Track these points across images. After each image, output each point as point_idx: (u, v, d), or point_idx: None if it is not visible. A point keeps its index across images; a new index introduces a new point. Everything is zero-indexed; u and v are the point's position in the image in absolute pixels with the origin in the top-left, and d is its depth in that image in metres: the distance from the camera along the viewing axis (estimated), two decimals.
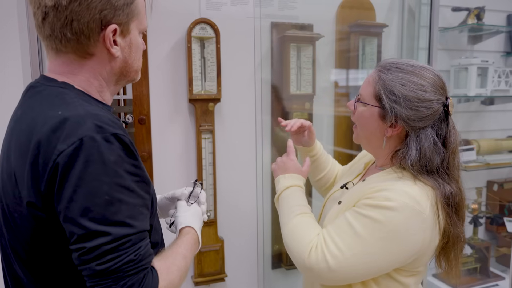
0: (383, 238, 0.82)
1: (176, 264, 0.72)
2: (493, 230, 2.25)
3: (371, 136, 0.94)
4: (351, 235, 0.84)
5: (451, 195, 0.85)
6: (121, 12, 0.69)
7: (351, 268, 0.84)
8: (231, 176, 1.65)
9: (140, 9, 0.74)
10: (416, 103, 0.85)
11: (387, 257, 0.83)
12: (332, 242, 0.85)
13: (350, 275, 0.85)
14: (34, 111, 0.67)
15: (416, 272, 0.91)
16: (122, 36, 0.71)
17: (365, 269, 0.84)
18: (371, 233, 0.82)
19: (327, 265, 0.84)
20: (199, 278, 1.60)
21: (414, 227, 0.82)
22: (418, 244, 0.83)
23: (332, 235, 0.87)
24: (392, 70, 0.89)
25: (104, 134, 0.61)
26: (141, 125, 1.50)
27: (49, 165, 0.60)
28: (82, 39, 0.68)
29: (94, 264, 0.60)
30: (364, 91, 0.94)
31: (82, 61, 0.71)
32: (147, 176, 0.69)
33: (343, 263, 0.84)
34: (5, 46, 1.32)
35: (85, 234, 0.60)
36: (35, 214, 0.64)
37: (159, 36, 1.49)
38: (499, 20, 2.13)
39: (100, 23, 0.68)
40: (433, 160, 0.85)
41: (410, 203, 0.81)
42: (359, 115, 0.95)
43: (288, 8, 1.68)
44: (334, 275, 0.85)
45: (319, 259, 0.85)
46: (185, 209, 0.91)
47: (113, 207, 0.61)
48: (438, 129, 0.87)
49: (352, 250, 0.83)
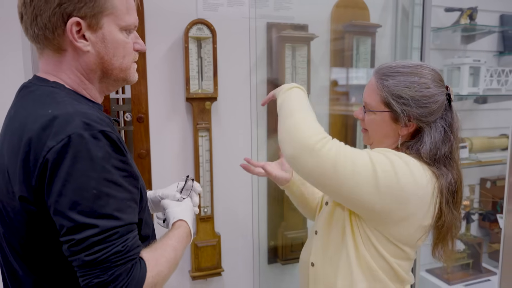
0: (387, 171, 0.86)
1: (165, 255, 0.74)
2: (486, 226, 2.29)
3: (384, 139, 0.98)
4: (366, 159, 0.88)
5: (452, 183, 0.92)
6: (84, 5, 0.68)
7: (351, 179, 0.86)
8: (228, 173, 1.69)
9: (116, 5, 0.72)
10: (424, 101, 0.91)
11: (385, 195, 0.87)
12: (350, 150, 0.88)
13: (343, 185, 0.87)
14: (26, 110, 0.69)
15: (402, 252, 0.94)
16: (92, 30, 0.71)
17: (358, 190, 0.87)
18: (383, 167, 0.87)
19: (335, 159, 0.85)
20: (197, 272, 1.64)
21: (417, 187, 0.88)
22: (412, 202, 0.88)
23: (351, 148, 0.90)
24: (392, 76, 0.93)
25: (92, 131, 0.64)
26: (139, 123, 1.53)
27: (39, 161, 0.63)
28: (48, 34, 0.70)
29: (83, 255, 0.62)
30: (370, 99, 0.97)
31: (58, 57, 0.72)
32: (135, 171, 0.71)
33: (348, 169, 0.85)
34: (7, 47, 1.36)
35: (74, 227, 0.62)
36: (27, 208, 0.66)
37: (157, 37, 1.52)
38: (492, 20, 2.16)
39: (61, 17, 0.68)
40: (442, 149, 0.92)
41: (420, 170, 0.89)
42: (370, 122, 0.98)
43: (283, 9, 1.72)
44: (332, 173, 0.86)
45: (332, 149, 0.86)
46: (176, 204, 0.92)
47: (100, 200, 0.63)
48: (446, 118, 0.94)
49: (362, 168, 0.86)
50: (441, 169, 0.91)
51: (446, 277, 2.03)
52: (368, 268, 0.95)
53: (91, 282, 0.62)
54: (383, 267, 0.95)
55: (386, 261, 0.94)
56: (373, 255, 0.94)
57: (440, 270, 2.10)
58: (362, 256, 0.95)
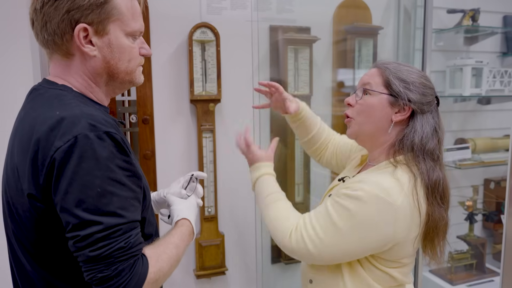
0: (355, 226, 0.88)
1: (167, 252, 0.76)
2: (490, 227, 2.29)
3: (375, 126, 0.97)
4: (328, 221, 0.91)
5: (439, 179, 0.92)
6: (91, 12, 0.71)
7: (328, 251, 0.92)
8: (231, 174, 1.71)
9: (122, 11, 0.75)
10: (422, 89, 0.95)
11: (361, 243, 0.90)
12: (311, 227, 0.93)
13: (328, 257, 0.93)
14: (35, 111, 0.72)
15: (402, 264, 0.96)
16: (98, 35, 0.74)
17: (341, 254, 0.92)
18: (344, 221, 0.89)
19: (305, 247, 0.93)
20: (201, 271, 1.67)
21: (385, 217, 0.87)
22: (389, 233, 0.88)
23: (312, 220, 0.94)
24: (393, 63, 0.98)
25: (97, 132, 0.66)
26: (144, 125, 1.57)
27: (47, 161, 0.65)
28: (56, 39, 0.73)
29: (87, 250, 0.65)
30: (370, 80, 0.98)
31: (66, 61, 0.76)
32: (138, 171, 0.74)
33: (320, 247, 0.92)
34: (17, 52, 1.40)
35: (79, 223, 0.65)
36: (35, 205, 0.69)
37: (162, 40, 1.56)
38: (495, 21, 2.16)
39: (69, 23, 0.71)
40: (431, 143, 0.93)
41: (380, 194, 0.87)
42: (364, 105, 0.98)
43: (286, 12, 1.74)
44: (313, 257, 0.94)
45: (299, 241, 0.94)
46: (180, 201, 0.95)
47: (105, 198, 0.66)
48: (434, 116, 0.96)
49: (328, 236, 0.90)
50: (428, 162, 0.92)
51: (450, 278, 2.03)
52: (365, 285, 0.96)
53: (95, 277, 0.65)
54: (383, 278, 0.96)
55: (387, 273, 0.95)
56: (373, 273, 0.95)
57: (443, 271, 2.10)
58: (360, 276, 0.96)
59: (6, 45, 1.39)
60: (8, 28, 1.38)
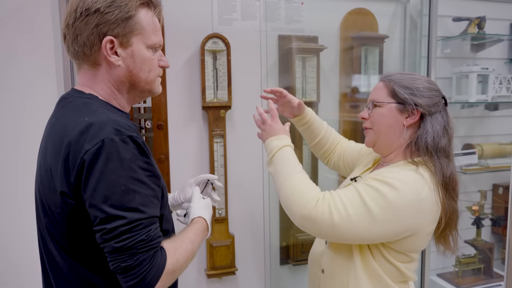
0: (385, 209, 0.92)
1: (183, 246, 0.83)
2: (499, 232, 2.29)
3: (390, 133, 1.04)
4: (359, 201, 0.94)
5: (452, 174, 0.99)
6: (117, 26, 0.79)
7: (351, 227, 0.93)
8: (241, 177, 1.78)
9: (144, 26, 0.82)
10: (427, 92, 1.01)
11: (385, 227, 0.93)
12: (340, 199, 0.95)
13: (348, 234, 0.94)
14: (66, 118, 0.79)
15: (410, 259, 1.01)
16: (123, 47, 0.81)
17: (362, 232, 0.94)
18: (375, 203, 0.92)
19: (331, 218, 0.93)
20: (212, 271, 1.73)
21: (412, 206, 0.93)
22: (411, 222, 0.94)
23: (340, 195, 0.96)
24: (396, 74, 1.06)
25: (122, 136, 0.73)
26: (159, 130, 1.65)
27: (78, 161, 0.72)
28: (86, 50, 0.81)
29: (113, 242, 0.72)
30: (377, 95, 1.07)
31: (94, 71, 0.83)
32: (157, 172, 0.81)
33: (345, 221, 0.93)
34: (42, 64, 1.50)
35: (105, 218, 0.71)
36: (66, 202, 0.76)
37: (176, 50, 1.64)
38: (502, 28, 2.19)
39: (98, 36, 0.79)
40: (443, 141, 1.00)
41: (410, 183, 0.94)
42: (376, 115, 1.05)
43: (294, 22, 1.81)
44: (334, 231, 0.94)
45: (325, 211, 0.94)
46: (198, 201, 1.04)
47: (128, 196, 0.72)
48: (443, 115, 1.03)
49: (358, 214, 0.93)
50: (442, 160, 0.98)
51: (457, 282, 2.05)
52: (376, 276, 1.01)
53: (119, 266, 0.72)
54: (392, 272, 1.01)
55: (395, 266, 1.00)
56: (382, 264, 1.00)
57: (451, 275, 2.12)
58: (371, 266, 1.00)
59: (33, 59, 1.49)
60: (35, 42, 1.48)
